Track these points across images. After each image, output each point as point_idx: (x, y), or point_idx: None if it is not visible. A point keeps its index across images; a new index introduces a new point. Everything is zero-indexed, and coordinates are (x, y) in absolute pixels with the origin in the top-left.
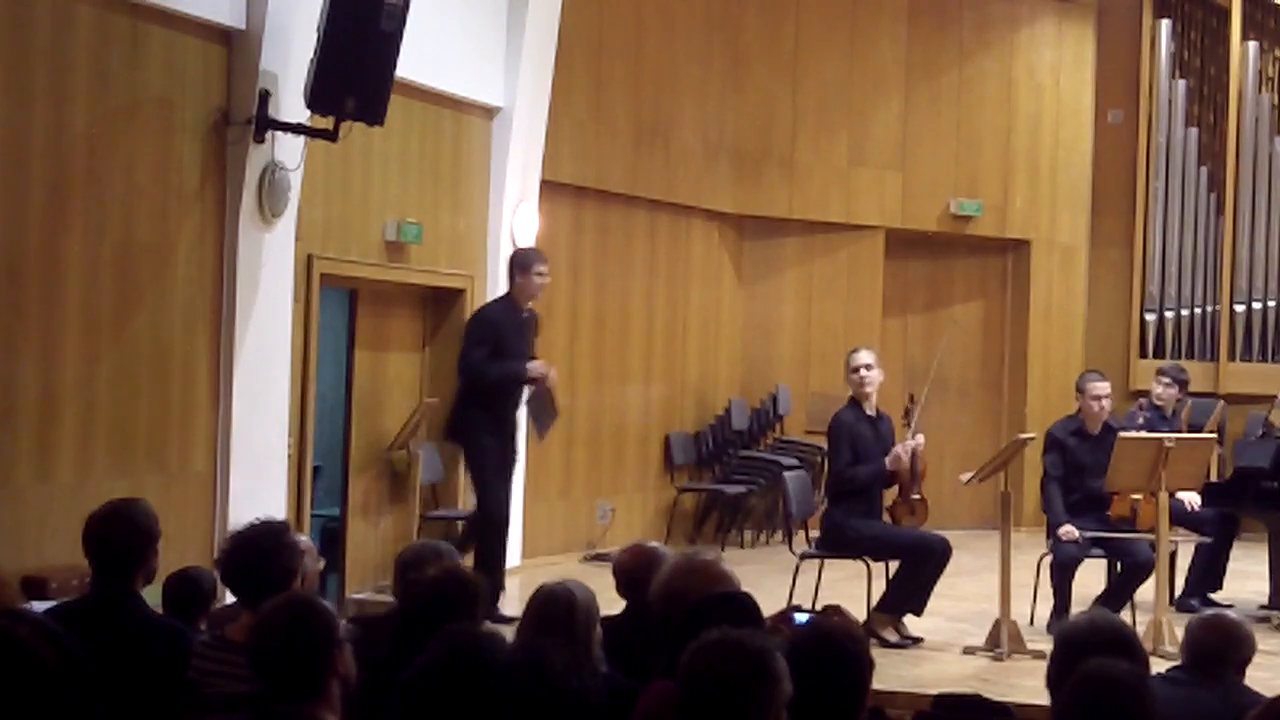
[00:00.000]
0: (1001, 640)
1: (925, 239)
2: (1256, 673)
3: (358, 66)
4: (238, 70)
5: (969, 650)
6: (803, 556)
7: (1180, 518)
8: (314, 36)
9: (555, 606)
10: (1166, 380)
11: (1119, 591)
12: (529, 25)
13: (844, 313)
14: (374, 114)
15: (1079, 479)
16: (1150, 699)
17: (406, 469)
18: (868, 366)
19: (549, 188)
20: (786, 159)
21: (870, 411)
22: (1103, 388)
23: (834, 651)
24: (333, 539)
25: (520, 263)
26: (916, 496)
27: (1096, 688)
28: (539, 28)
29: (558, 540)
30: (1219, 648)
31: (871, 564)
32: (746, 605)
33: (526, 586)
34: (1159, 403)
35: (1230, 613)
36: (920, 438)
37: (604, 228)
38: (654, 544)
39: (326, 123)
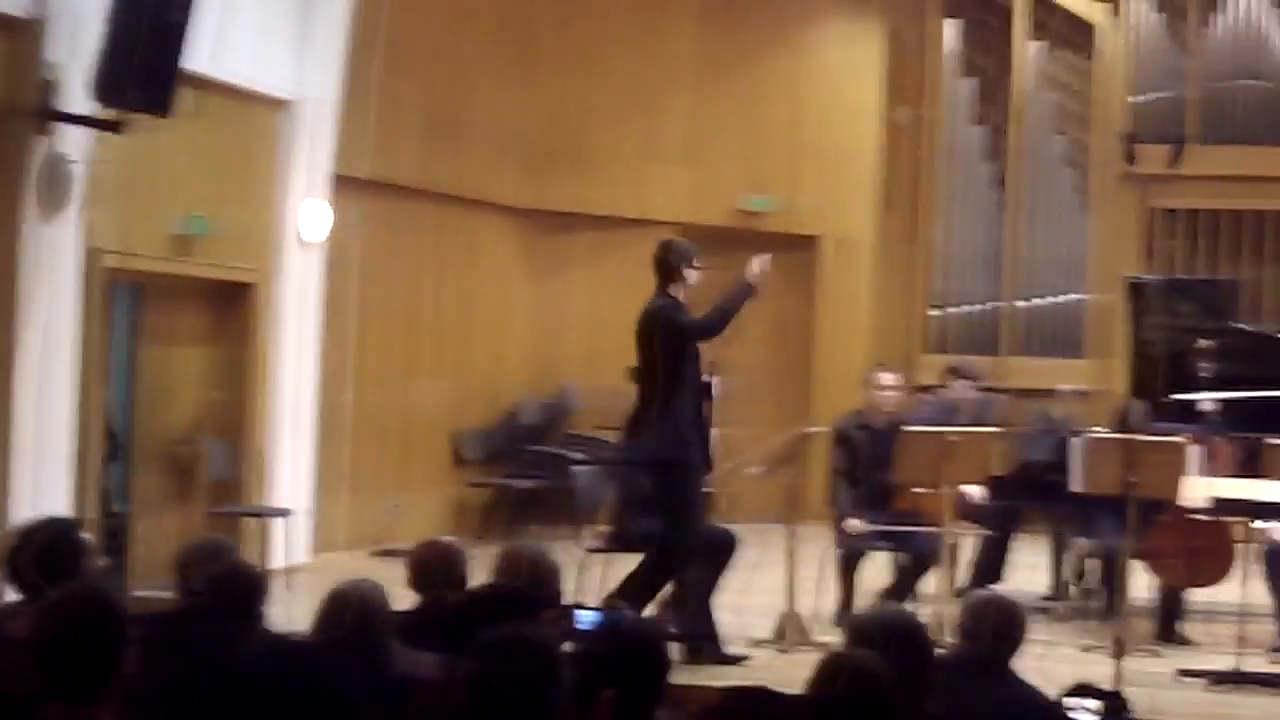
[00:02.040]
0: (788, 633)
1: (716, 234)
2: (1039, 663)
3: (144, 57)
4: (21, 60)
5: (756, 643)
6: (592, 551)
7: (963, 511)
8: (102, 27)
9: (344, 606)
10: (962, 375)
11: (903, 584)
12: (319, 17)
13: (634, 308)
14: (161, 106)
15: (865, 472)
16: (895, 691)
17: (193, 465)
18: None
19: (339, 181)
20: (577, 153)
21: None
22: (887, 379)
23: (632, 648)
24: (117, 535)
25: None
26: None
27: (845, 679)
28: (329, 20)
29: (347, 536)
30: (996, 627)
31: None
32: (522, 597)
33: (316, 583)
34: (952, 396)
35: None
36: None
37: (394, 222)
38: (449, 539)
39: (113, 115)
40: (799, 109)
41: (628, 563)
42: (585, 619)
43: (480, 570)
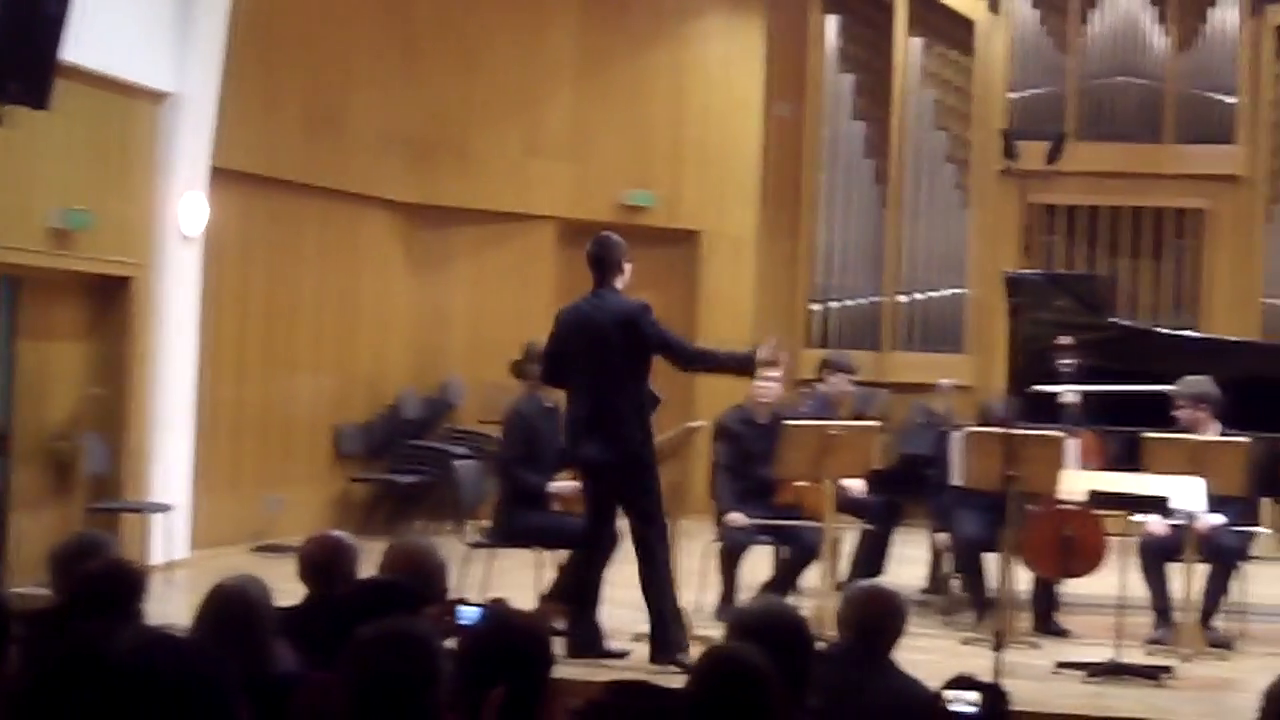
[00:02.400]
0: None
1: (598, 230)
2: (919, 656)
3: (21, 49)
4: None
5: (638, 638)
6: (474, 546)
7: (845, 504)
8: None
9: (224, 601)
10: (836, 369)
11: (785, 577)
12: (200, 10)
13: (516, 303)
14: (38, 98)
15: (748, 466)
16: (776, 685)
17: (72, 460)
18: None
19: (219, 175)
20: (460, 148)
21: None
22: (769, 373)
23: (515, 644)
24: None
25: None
26: None
27: (725, 673)
28: (210, 12)
29: (227, 532)
30: (876, 619)
31: (543, 553)
32: (404, 592)
33: (196, 580)
34: (828, 391)
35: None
36: None
37: (275, 216)
38: (340, 533)
39: None
40: (680, 104)
41: (509, 558)
42: (468, 614)
43: (366, 565)
